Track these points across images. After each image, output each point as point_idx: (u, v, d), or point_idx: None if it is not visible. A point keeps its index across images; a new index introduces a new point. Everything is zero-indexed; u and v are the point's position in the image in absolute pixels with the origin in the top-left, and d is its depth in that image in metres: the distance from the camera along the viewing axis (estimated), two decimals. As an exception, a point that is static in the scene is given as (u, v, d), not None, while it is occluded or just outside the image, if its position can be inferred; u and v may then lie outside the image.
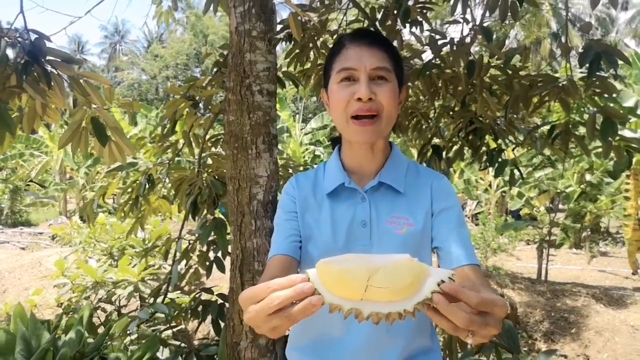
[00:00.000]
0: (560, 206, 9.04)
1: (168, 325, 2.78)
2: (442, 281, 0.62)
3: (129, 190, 2.84)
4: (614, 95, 2.16)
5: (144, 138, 2.92)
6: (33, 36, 1.82)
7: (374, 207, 1.05)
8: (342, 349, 1.05)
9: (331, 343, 1.07)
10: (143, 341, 2.43)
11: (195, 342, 3.91)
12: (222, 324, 2.35)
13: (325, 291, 0.63)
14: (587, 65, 1.87)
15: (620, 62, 1.88)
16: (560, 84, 2.10)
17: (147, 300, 3.76)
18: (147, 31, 37.86)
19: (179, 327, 3.11)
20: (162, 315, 2.78)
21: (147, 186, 2.73)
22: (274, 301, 0.61)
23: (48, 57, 1.85)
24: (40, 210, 15.26)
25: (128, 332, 2.46)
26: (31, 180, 14.64)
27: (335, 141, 1.18)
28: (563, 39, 2.27)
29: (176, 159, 2.93)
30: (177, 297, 3.22)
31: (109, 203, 12.03)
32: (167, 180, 2.84)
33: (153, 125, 13.50)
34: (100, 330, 3.52)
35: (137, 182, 2.81)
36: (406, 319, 0.62)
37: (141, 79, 27.95)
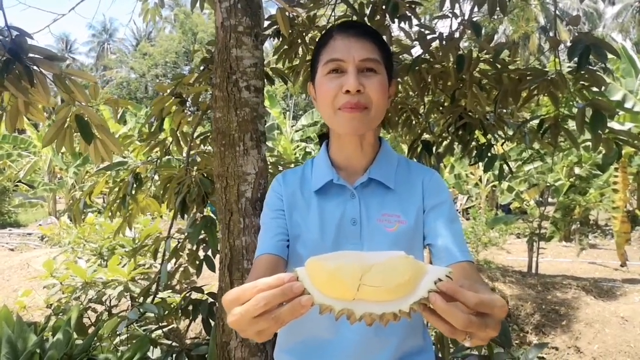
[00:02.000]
0: (550, 199, 9.11)
1: (158, 325, 2.76)
2: (439, 279, 0.58)
3: (117, 189, 2.80)
4: (606, 86, 2.15)
5: (131, 136, 2.88)
6: (14, 33, 1.78)
7: (364, 204, 1.02)
8: (332, 350, 1.02)
9: (321, 345, 1.04)
10: (133, 341, 2.41)
11: (187, 341, 3.89)
12: (213, 323, 2.34)
13: (315, 291, 0.59)
14: (576, 58, 1.87)
15: (608, 55, 1.87)
16: (549, 78, 2.10)
17: (137, 300, 3.73)
18: (135, 29, 37.61)
19: (170, 327, 3.08)
20: (153, 315, 2.76)
21: (134, 185, 2.69)
22: (260, 302, 0.57)
23: (30, 55, 1.81)
24: (29, 210, 15.11)
25: (117, 332, 2.43)
26: (19, 181, 14.49)
27: (323, 137, 1.14)
28: (551, 34, 2.27)
29: (165, 157, 2.90)
30: (168, 297, 3.19)
31: (98, 203, 11.93)
32: (156, 178, 2.81)
33: (142, 123, 13.41)
34: (91, 331, 3.49)
35: (125, 181, 2.78)
36: (401, 319, 0.58)
37: (130, 77, 27.71)
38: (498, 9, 2.39)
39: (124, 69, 30.14)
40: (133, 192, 2.69)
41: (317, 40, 2.76)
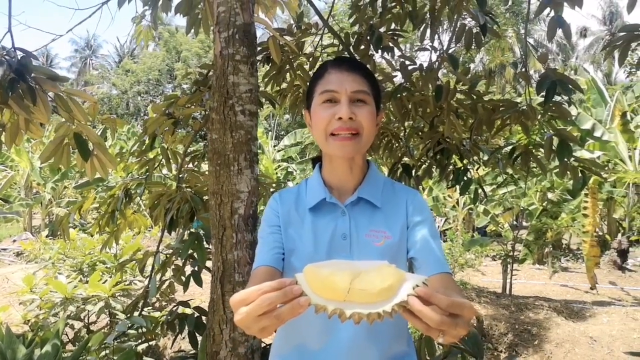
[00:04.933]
0: (524, 223, 9.35)
1: (143, 339, 2.79)
2: (417, 285, 0.69)
3: (106, 204, 2.86)
4: (570, 118, 2.34)
5: (122, 154, 2.96)
6: (20, 54, 1.88)
7: (354, 221, 1.13)
8: (323, 357, 1.11)
9: (312, 352, 1.13)
10: (115, 358, 2.44)
11: (167, 358, 3.90)
12: (199, 337, 2.40)
13: (312, 293, 0.69)
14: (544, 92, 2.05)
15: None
16: (520, 109, 2.27)
17: (116, 318, 3.73)
18: (118, 46, 37.51)
19: (149, 343, 3.10)
20: (134, 331, 2.78)
21: (124, 200, 2.76)
22: (264, 302, 0.66)
23: (34, 75, 1.91)
24: (2, 226, 14.76)
25: (105, 344, 2.47)
26: (-6, 195, 14.18)
27: (316, 160, 1.26)
28: (524, 67, 2.45)
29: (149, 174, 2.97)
30: (148, 313, 3.22)
31: (76, 219, 11.77)
32: (140, 195, 2.87)
33: (124, 140, 13.38)
34: (69, 347, 3.48)
35: (115, 196, 2.84)
36: (384, 319, 0.68)
37: (111, 93, 27.51)
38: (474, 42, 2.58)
39: (105, 85, 29.93)
40: (122, 207, 2.76)
41: (305, 67, 2.89)
